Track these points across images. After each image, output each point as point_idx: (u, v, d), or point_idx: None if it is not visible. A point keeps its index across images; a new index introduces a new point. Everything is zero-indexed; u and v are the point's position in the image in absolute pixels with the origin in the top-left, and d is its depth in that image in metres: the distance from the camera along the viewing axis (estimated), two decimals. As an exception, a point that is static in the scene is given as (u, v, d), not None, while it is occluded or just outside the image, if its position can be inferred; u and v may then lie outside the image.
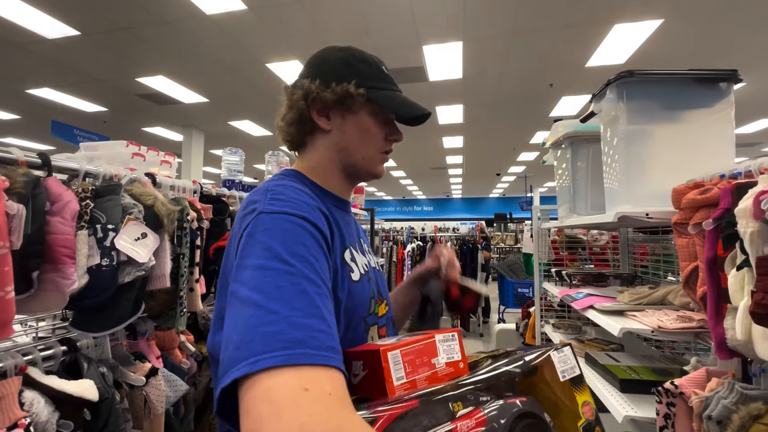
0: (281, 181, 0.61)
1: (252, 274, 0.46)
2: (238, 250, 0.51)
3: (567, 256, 2.49)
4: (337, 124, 0.68)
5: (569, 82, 5.53)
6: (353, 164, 0.70)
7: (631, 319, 1.28)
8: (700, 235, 0.99)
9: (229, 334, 0.43)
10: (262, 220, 0.51)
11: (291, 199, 0.56)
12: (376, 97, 0.67)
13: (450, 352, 0.56)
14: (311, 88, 0.66)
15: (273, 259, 0.47)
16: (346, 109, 0.67)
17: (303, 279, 0.46)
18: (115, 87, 5.68)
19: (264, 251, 0.48)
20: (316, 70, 0.68)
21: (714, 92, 1.35)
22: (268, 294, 0.44)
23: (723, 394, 0.87)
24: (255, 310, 0.43)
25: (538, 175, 13.21)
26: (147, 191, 1.01)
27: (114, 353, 0.98)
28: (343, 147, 0.68)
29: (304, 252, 0.49)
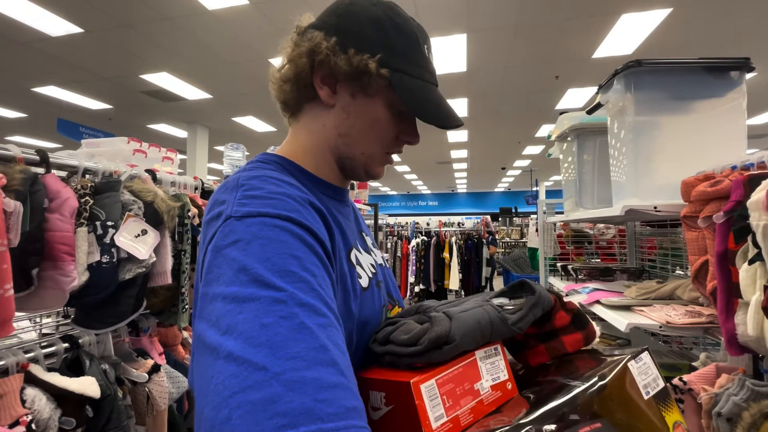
0: (257, 171, 0.46)
1: (224, 310, 0.33)
2: (203, 270, 0.38)
3: (573, 251, 2.46)
4: (344, 102, 0.52)
5: (575, 74, 5.45)
6: (350, 157, 0.55)
7: (638, 315, 1.25)
8: (711, 228, 0.97)
9: (199, 404, 0.31)
10: (232, 227, 0.38)
11: (271, 194, 0.42)
12: (400, 86, 0.50)
13: (494, 371, 0.44)
14: (321, 46, 0.49)
15: (252, 284, 0.34)
16: (360, 88, 0.51)
17: (298, 307, 0.33)
18: (119, 84, 5.70)
19: (238, 273, 0.35)
20: (336, 23, 0.51)
21: (725, 81, 1.31)
22: (249, 338, 0.31)
23: (733, 390, 0.85)
24: (231, 365, 0.30)
25: (543, 169, 13.10)
26: (147, 187, 1.00)
27: (116, 350, 0.98)
28: (345, 132, 0.53)
29: (294, 267, 0.36)
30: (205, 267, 0.38)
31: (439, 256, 4.84)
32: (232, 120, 7.48)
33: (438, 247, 4.88)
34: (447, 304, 0.50)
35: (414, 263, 4.95)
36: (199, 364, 0.33)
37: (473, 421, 0.39)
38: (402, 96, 0.51)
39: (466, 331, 0.42)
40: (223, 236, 0.38)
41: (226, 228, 0.39)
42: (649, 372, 0.46)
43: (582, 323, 0.53)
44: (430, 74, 0.55)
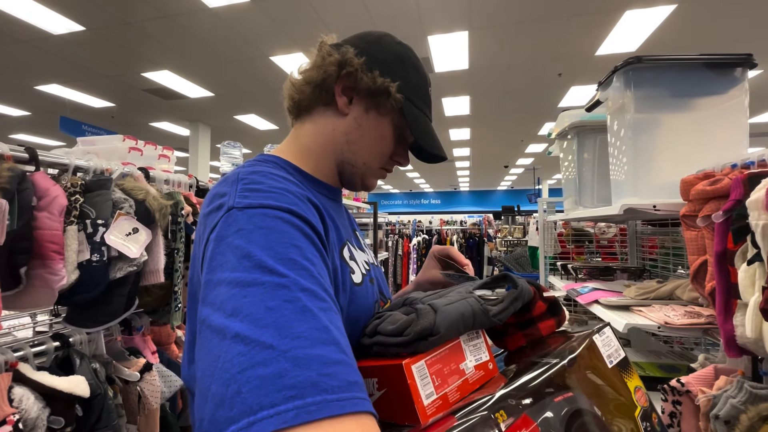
0: (255, 167, 0.49)
1: (228, 294, 0.35)
2: (204, 260, 0.40)
3: (573, 249, 2.44)
4: (357, 114, 0.59)
5: (578, 72, 5.40)
6: (352, 163, 0.60)
7: (637, 315, 1.24)
8: (710, 227, 0.95)
9: (205, 382, 0.32)
10: (235, 217, 0.40)
11: (271, 188, 0.44)
12: (409, 113, 0.59)
13: (477, 353, 0.48)
14: (352, 61, 0.56)
15: (255, 270, 0.35)
16: (375, 105, 0.58)
17: (300, 292, 0.35)
18: (121, 82, 5.71)
19: (241, 260, 0.36)
20: (366, 47, 0.58)
21: (727, 78, 1.29)
22: (255, 320, 0.32)
23: (731, 393, 0.84)
24: (238, 345, 0.31)
25: (546, 168, 13.04)
26: (139, 186, 0.99)
27: (108, 349, 0.98)
28: (353, 140, 0.59)
29: (296, 255, 0.38)
30: (207, 255, 0.40)
31: (440, 255, 4.82)
32: (234, 118, 7.48)
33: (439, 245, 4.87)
34: (432, 296, 0.52)
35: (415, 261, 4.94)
36: (204, 347, 0.34)
37: (460, 398, 0.43)
38: (409, 121, 0.58)
39: (450, 323, 0.45)
40: (226, 226, 0.40)
41: (229, 218, 0.41)
42: (611, 344, 0.51)
43: (556, 310, 0.59)
44: (430, 113, 0.65)
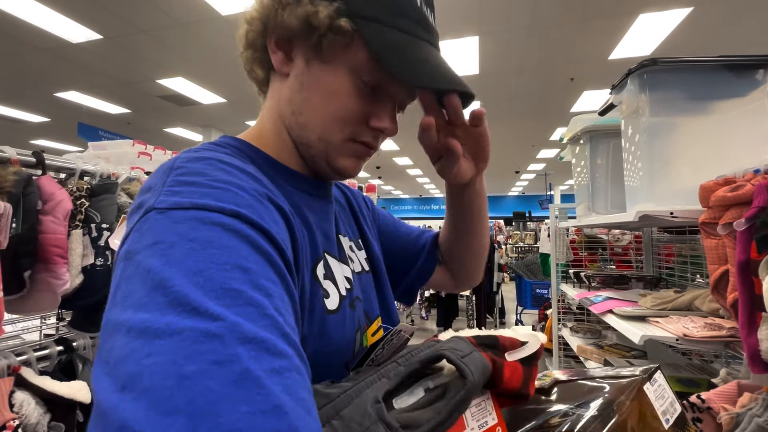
0: (202, 153, 0.35)
1: (125, 348, 0.22)
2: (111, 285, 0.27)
3: (587, 257, 2.38)
4: (298, 70, 0.41)
5: (591, 76, 5.33)
6: (306, 143, 0.43)
7: (653, 326, 1.19)
8: (731, 236, 0.91)
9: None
10: (152, 223, 0.27)
11: (215, 182, 0.31)
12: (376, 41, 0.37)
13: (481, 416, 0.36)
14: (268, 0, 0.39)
15: (171, 309, 0.23)
16: (312, 48, 0.39)
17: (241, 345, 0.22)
18: (137, 89, 5.84)
19: (153, 292, 0.24)
20: None
21: (747, 80, 1.24)
22: (157, 400, 0.20)
23: (756, 411, 0.79)
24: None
25: (558, 173, 12.88)
26: (144, 190, 1.00)
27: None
28: (298, 108, 0.42)
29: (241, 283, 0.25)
30: (114, 281, 0.26)
31: (449, 261, 4.77)
32: (246, 124, 7.58)
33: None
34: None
35: (424, 268, 4.89)
36: (92, 423, 0.21)
37: None
38: (377, 51, 0.37)
39: None
40: (140, 236, 0.27)
41: (144, 224, 0.27)
42: (665, 395, 0.38)
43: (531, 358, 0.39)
44: (425, 30, 0.40)
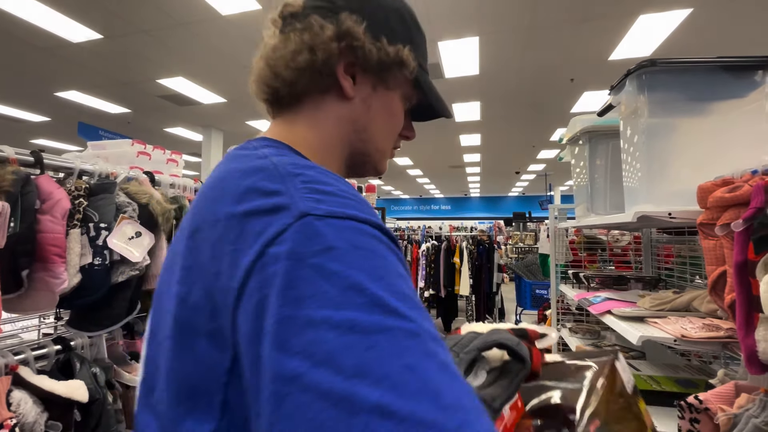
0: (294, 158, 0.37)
1: (338, 342, 0.24)
2: (273, 286, 0.26)
3: (586, 257, 2.38)
4: (364, 94, 0.47)
5: (591, 77, 5.33)
6: (364, 153, 0.49)
7: (652, 326, 1.19)
8: (729, 237, 0.91)
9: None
10: (316, 229, 0.28)
11: (345, 193, 0.32)
12: (424, 81, 0.50)
13: None
14: (355, 32, 0.44)
15: (374, 309, 0.25)
16: (383, 80, 0.47)
17: (432, 342, 0.25)
18: (137, 88, 5.84)
19: (347, 292, 0.25)
20: (361, 7, 0.45)
21: (746, 82, 1.24)
22: (398, 384, 0.22)
23: (754, 412, 0.79)
24: (385, 422, 0.21)
25: (558, 174, 12.88)
26: (143, 189, 0.99)
27: (110, 353, 0.98)
28: (363, 127, 0.48)
29: (407, 289, 0.28)
30: (280, 280, 0.26)
31: (449, 261, 4.78)
32: (246, 123, 7.58)
33: (449, 251, 4.82)
34: None
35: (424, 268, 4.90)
36: (306, 420, 0.22)
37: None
38: (426, 91, 0.51)
39: None
40: (306, 240, 0.27)
41: (307, 229, 0.28)
42: (626, 369, 0.50)
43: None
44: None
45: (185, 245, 0.35)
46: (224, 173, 0.37)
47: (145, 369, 0.36)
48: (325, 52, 0.44)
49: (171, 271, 0.36)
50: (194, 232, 0.35)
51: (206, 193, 0.37)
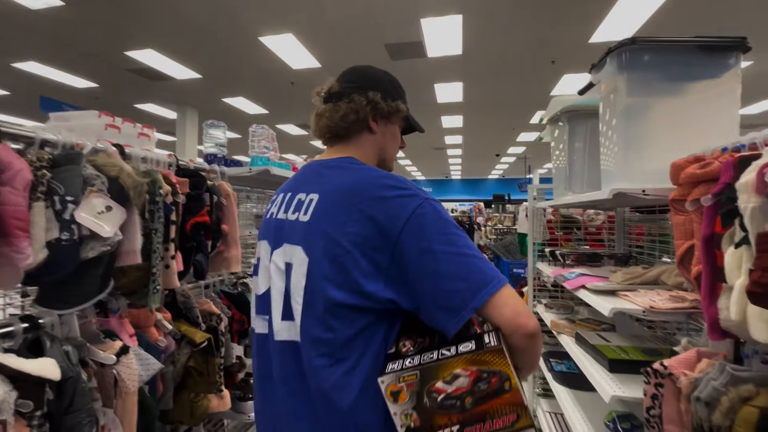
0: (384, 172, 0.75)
1: (452, 239, 0.65)
2: (419, 223, 0.65)
3: (562, 236, 2.45)
4: (381, 129, 0.87)
5: (572, 60, 5.37)
6: (384, 160, 0.89)
7: (622, 299, 1.24)
8: (698, 211, 0.94)
9: (465, 271, 0.63)
10: (432, 204, 0.68)
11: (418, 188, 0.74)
12: (409, 116, 0.91)
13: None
14: (376, 100, 0.83)
15: (473, 251, 0.66)
16: (389, 119, 0.87)
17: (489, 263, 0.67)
18: (104, 61, 5.51)
19: (450, 225, 0.67)
20: (375, 85, 0.85)
21: (720, 62, 1.27)
22: (472, 248, 0.66)
23: (713, 375, 0.84)
24: (474, 258, 0.64)
25: (537, 157, 13.08)
26: (112, 162, 0.95)
27: (82, 331, 0.95)
28: (383, 148, 0.88)
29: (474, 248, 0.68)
30: (428, 220, 0.66)
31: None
32: (222, 101, 7.31)
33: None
34: None
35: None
36: (457, 260, 0.64)
37: None
38: (412, 122, 0.94)
39: None
40: (431, 208, 0.67)
41: (428, 203, 0.68)
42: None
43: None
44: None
45: (325, 209, 0.70)
46: (356, 178, 0.72)
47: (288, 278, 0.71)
48: (362, 112, 0.83)
49: (279, 230, 0.76)
50: (333, 200, 0.70)
51: (339, 185, 0.72)
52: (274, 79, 6.12)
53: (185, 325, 1.26)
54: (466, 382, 0.59)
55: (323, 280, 0.65)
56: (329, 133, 0.84)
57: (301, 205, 0.73)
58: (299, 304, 0.67)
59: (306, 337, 0.66)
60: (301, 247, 0.69)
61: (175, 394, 1.21)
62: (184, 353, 1.21)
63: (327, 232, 0.66)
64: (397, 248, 0.63)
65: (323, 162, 0.80)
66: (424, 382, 0.60)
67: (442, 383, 0.60)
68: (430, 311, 0.63)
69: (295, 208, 0.74)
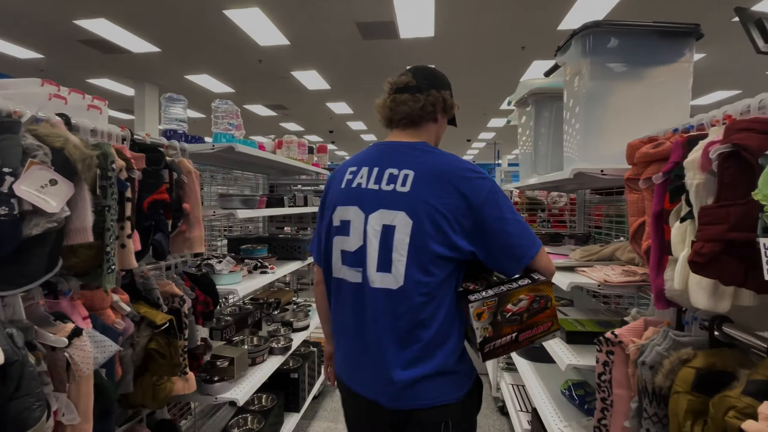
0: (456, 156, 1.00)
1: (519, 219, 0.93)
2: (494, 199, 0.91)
3: (527, 218, 2.53)
4: (441, 120, 1.07)
5: (541, 46, 5.46)
6: (436, 145, 1.07)
7: (580, 275, 1.30)
8: (650, 189, 0.99)
9: (523, 233, 0.92)
10: (498, 186, 0.95)
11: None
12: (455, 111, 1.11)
13: None
14: (446, 97, 1.04)
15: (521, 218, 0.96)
16: (446, 113, 1.07)
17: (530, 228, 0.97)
18: (51, 29, 5.06)
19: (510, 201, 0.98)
20: (445, 84, 1.06)
21: (676, 48, 1.33)
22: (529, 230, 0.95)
23: (657, 341, 0.90)
24: (525, 225, 0.94)
25: (507, 143, 13.35)
26: (56, 132, 0.87)
27: (29, 313, 0.89)
28: (438, 134, 1.08)
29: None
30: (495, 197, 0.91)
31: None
32: (184, 78, 6.93)
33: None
34: None
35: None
36: (517, 226, 0.92)
37: None
38: (454, 115, 1.12)
39: None
40: (499, 188, 0.95)
41: (497, 185, 0.95)
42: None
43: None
44: None
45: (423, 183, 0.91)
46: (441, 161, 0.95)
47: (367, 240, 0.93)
48: (437, 105, 1.02)
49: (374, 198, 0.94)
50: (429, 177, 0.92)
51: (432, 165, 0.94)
52: (240, 55, 5.85)
53: (145, 306, 1.21)
54: (525, 304, 0.91)
55: (427, 237, 0.88)
56: (407, 118, 1.01)
57: (395, 179, 0.93)
58: (403, 256, 0.89)
59: (409, 281, 0.88)
60: (405, 212, 0.89)
61: (136, 377, 1.17)
62: (144, 335, 1.17)
63: (428, 201, 0.89)
64: (480, 216, 0.89)
65: (406, 144, 1.00)
66: (499, 304, 0.89)
67: (511, 305, 0.90)
68: (500, 260, 0.92)
69: (389, 181, 0.94)
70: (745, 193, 0.64)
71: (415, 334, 0.90)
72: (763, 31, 0.98)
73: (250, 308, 2.11)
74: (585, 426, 1.37)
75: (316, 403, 2.64)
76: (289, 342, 2.02)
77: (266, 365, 1.82)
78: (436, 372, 0.91)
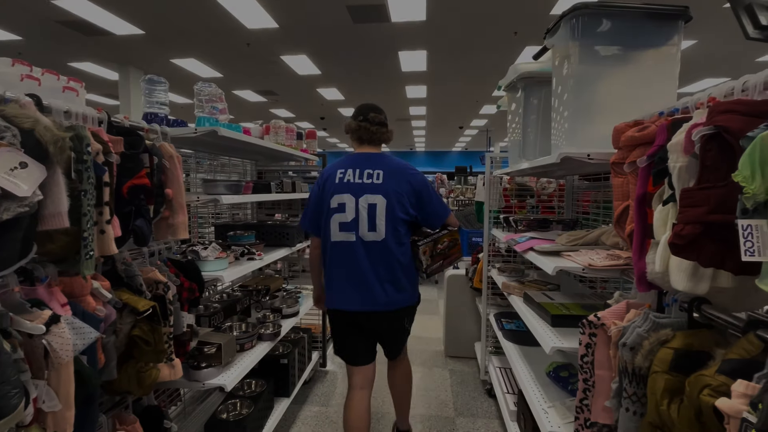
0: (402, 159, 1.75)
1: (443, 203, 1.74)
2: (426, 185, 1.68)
3: (516, 204, 2.54)
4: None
5: (533, 31, 5.40)
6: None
7: (565, 259, 1.31)
8: (635, 173, 0.99)
9: (442, 204, 1.73)
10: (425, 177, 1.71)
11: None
12: None
13: None
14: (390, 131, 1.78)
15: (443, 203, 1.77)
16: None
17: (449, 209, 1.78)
18: (28, 9, 4.86)
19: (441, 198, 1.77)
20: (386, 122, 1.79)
21: (666, 31, 1.32)
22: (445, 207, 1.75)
23: (638, 323, 0.91)
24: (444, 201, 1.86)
25: (499, 130, 13.33)
26: (25, 113, 0.84)
27: (4, 300, 0.87)
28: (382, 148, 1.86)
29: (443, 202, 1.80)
30: (430, 185, 1.70)
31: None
32: (170, 62, 6.75)
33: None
34: None
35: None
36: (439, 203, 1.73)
37: None
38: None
39: None
40: (425, 179, 1.73)
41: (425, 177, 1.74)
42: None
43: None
44: None
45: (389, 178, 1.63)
46: (396, 164, 1.68)
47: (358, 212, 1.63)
48: (389, 135, 1.75)
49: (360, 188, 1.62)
50: (392, 174, 1.63)
51: (392, 167, 1.66)
52: (227, 39, 5.70)
53: (127, 293, 1.19)
54: (446, 243, 1.69)
55: (395, 209, 1.59)
56: (378, 141, 1.71)
57: (372, 175, 1.61)
58: (382, 221, 1.57)
59: (389, 235, 1.58)
60: (381, 195, 1.58)
61: (121, 364, 1.16)
62: (127, 322, 1.15)
63: (394, 188, 1.60)
64: (419, 197, 1.64)
65: (376, 153, 1.69)
66: (434, 244, 1.66)
67: (440, 245, 1.67)
68: (430, 220, 1.68)
69: (368, 177, 1.61)
70: (726, 175, 0.64)
71: (394, 267, 1.60)
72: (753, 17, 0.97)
73: (239, 295, 2.10)
74: (568, 406, 1.40)
75: (306, 388, 2.66)
76: (278, 328, 2.02)
77: (255, 351, 1.82)
78: (403, 289, 1.64)
